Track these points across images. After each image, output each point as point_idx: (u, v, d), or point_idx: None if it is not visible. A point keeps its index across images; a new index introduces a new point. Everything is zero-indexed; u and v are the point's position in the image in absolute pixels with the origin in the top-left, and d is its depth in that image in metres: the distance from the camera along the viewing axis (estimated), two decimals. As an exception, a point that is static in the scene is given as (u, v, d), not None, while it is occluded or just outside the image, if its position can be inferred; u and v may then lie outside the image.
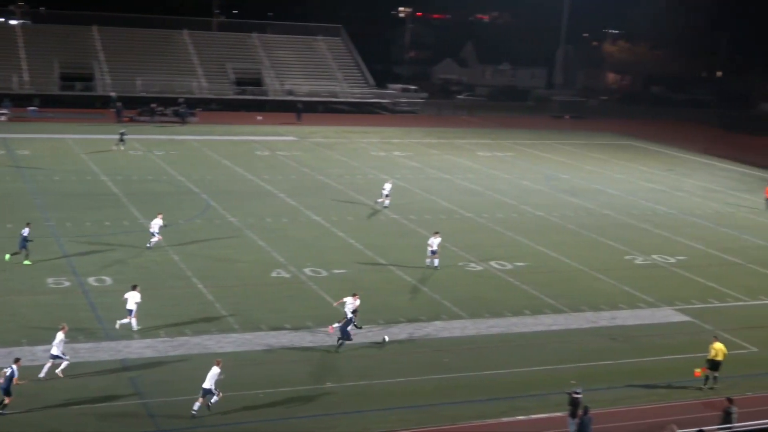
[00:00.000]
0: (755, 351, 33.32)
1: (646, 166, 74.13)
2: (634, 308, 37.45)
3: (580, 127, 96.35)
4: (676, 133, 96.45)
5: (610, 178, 67.57)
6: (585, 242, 47.92)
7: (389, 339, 32.43)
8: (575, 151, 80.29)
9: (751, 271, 44.27)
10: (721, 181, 68.97)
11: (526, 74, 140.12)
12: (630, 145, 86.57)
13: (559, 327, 34.79)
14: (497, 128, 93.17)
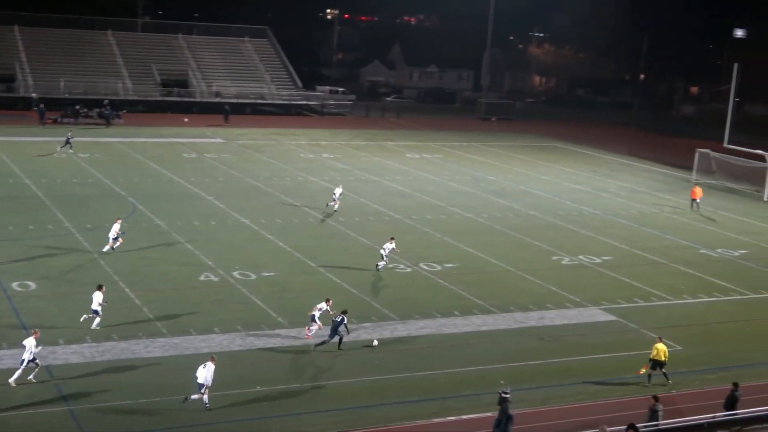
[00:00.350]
0: (680, 349, 33.90)
1: (571, 167, 75.12)
2: (562, 308, 37.89)
3: (506, 129, 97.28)
4: (600, 134, 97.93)
5: (536, 179, 68.32)
6: (513, 243, 48.36)
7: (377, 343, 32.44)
8: (502, 152, 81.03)
9: (674, 270, 45.11)
10: (645, 182, 70.19)
11: (453, 76, 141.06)
12: (555, 146, 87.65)
13: (488, 327, 35.04)
14: (425, 130, 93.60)
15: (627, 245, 49.27)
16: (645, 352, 33.07)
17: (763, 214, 61.12)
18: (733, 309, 39.74)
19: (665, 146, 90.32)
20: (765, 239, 53.19)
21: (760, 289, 42.73)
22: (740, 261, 47.85)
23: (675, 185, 70.10)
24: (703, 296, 41.05)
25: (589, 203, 60.36)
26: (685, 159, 76.44)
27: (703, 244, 50.78)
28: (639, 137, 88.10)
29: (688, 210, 60.11)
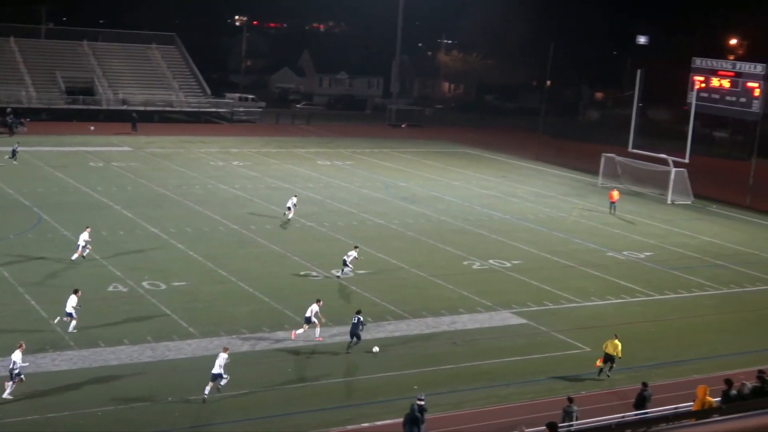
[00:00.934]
0: (588, 350, 34.48)
1: (481, 173, 75.89)
2: (473, 312, 38.21)
3: (417, 136, 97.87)
4: (509, 140, 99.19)
5: (447, 185, 68.85)
6: (424, 248, 48.62)
7: (378, 350, 32.90)
8: (413, 159, 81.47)
9: (582, 273, 45.88)
10: (553, 187, 71.28)
11: (363, 83, 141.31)
12: (465, 152, 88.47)
13: (401, 333, 35.14)
14: (336, 137, 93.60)
15: (536, 249, 49.94)
16: (556, 354, 33.64)
17: (667, 216, 62.61)
18: (640, 310, 40.59)
19: (572, 151, 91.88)
20: (670, 241, 54.48)
21: (666, 290, 43.74)
22: (646, 263, 48.92)
23: (582, 189, 71.35)
24: (611, 298, 41.84)
25: (499, 208, 61.05)
26: (592, 163, 77.85)
27: (610, 247, 51.77)
28: (546, 142, 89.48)
29: (596, 213, 61.22)
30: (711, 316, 40.43)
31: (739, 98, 75.57)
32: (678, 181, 68.26)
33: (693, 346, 36.05)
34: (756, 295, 44.33)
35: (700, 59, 79.94)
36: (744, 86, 75.03)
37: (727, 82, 76.31)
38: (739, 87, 75.33)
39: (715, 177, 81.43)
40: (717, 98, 77.51)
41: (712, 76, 77.62)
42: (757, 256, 52.56)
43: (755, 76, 74.35)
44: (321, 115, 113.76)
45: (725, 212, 65.95)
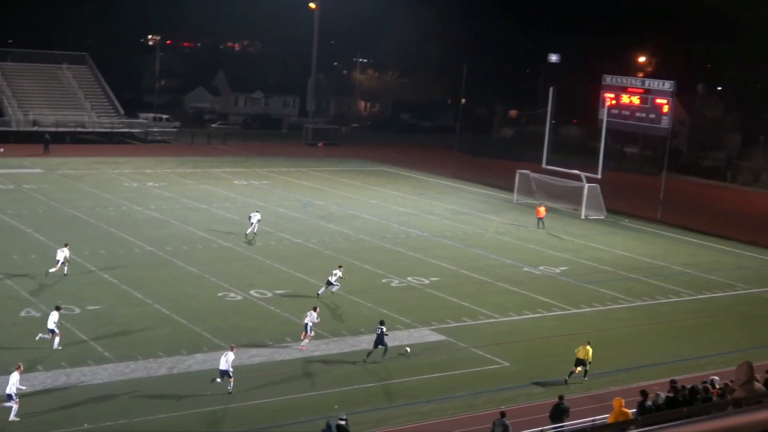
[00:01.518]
0: (507, 365, 34.82)
1: (398, 191, 76.22)
2: (392, 330, 38.21)
3: (333, 154, 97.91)
4: (425, 158, 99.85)
5: (364, 203, 68.98)
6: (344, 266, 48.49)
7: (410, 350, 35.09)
8: (330, 177, 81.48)
9: (499, 288, 46.34)
10: (469, 204, 71.91)
11: (278, 102, 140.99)
12: (382, 170, 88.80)
13: (321, 353, 35.01)
14: (252, 156, 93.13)
15: (454, 266, 50.29)
16: (475, 370, 33.89)
17: (581, 231, 63.65)
18: (556, 324, 41.14)
19: (487, 168, 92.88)
20: (584, 256, 55.38)
21: (581, 303, 44.43)
22: (561, 277, 49.62)
23: (498, 206, 72.13)
24: (528, 313, 42.33)
25: (417, 225, 61.36)
26: (507, 180, 78.79)
27: (526, 263, 52.39)
28: (462, 160, 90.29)
29: (512, 229, 61.93)
30: (625, 329, 41.17)
31: (649, 114, 77.30)
32: (591, 196, 69.48)
33: (608, 358, 36.62)
34: (668, 306, 45.30)
35: (610, 77, 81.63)
36: (653, 103, 76.77)
37: (636, 99, 78.03)
38: (648, 104, 77.06)
39: (627, 192, 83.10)
40: (627, 115, 79.17)
41: (622, 93, 79.29)
42: (669, 268, 53.74)
43: (664, 93, 76.17)
44: (237, 134, 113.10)
45: (637, 226, 67.32)
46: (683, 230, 66.60)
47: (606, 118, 74.10)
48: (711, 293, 48.57)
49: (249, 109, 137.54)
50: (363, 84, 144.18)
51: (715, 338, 40.62)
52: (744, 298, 48.32)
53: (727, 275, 52.92)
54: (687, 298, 47.27)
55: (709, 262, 56.68)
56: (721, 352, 38.19)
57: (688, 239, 63.60)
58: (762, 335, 41.50)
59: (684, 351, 38.32)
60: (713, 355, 37.92)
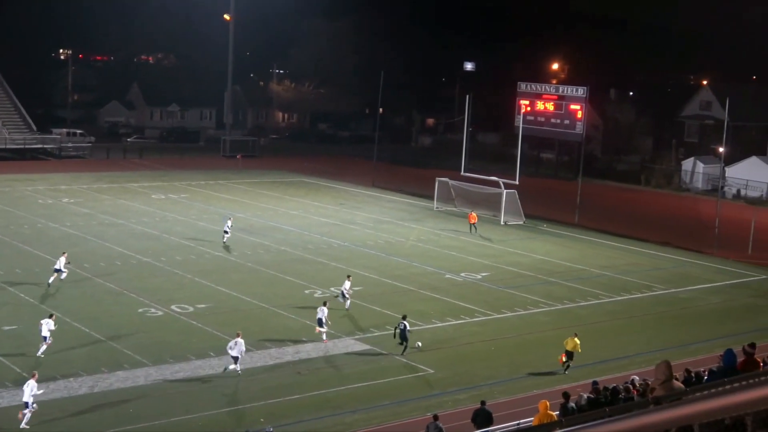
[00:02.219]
0: (432, 372, 35.03)
1: (318, 201, 76.16)
2: (317, 341, 38.19)
3: (252, 166, 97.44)
4: (345, 168, 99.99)
5: (285, 214, 68.78)
6: (265, 279, 48.38)
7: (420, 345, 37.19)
8: (249, 189, 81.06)
9: (422, 296, 46.59)
10: (390, 213, 72.18)
11: (195, 115, 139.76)
12: (302, 181, 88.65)
13: (246, 366, 34.75)
14: (170, 170, 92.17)
15: (377, 275, 50.43)
16: (399, 378, 34.01)
17: (501, 237, 64.34)
18: (479, 329, 41.52)
19: (407, 177, 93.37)
20: (504, 261, 55.99)
21: (503, 308, 44.92)
22: (483, 283, 50.11)
23: (419, 214, 72.54)
24: (451, 319, 42.63)
25: (338, 236, 61.37)
26: (426, 188, 79.28)
27: (448, 269, 52.78)
28: (382, 169, 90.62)
29: (433, 237, 62.32)
30: (547, 332, 41.72)
31: (563, 120, 78.67)
32: (509, 202, 70.28)
33: (531, 362, 37.09)
34: (588, 309, 46.05)
35: (524, 83, 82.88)
36: (567, 109, 78.15)
37: (551, 105, 79.32)
38: (562, 110, 78.43)
39: (545, 197, 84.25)
40: (542, 121, 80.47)
41: (537, 99, 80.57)
42: (587, 271, 54.64)
43: (577, 99, 77.59)
44: (153, 148, 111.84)
45: (555, 231, 68.31)
46: (600, 233, 67.78)
47: (522, 125, 75.17)
48: (629, 294, 49.52)
49: (165, 122, 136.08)
50: (280, 95, 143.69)
51: (634, 339, 41.41)
52: (661, 298, 49.37)
53: (644, 276, 54.01)
54: (606, 300, 48.11)
55: (626, 264, 57.79)
56: (640, 353, 38.95)
57: (605, 242, 64.76)
58: (679, 334, 42.46)
59: (605, 352, 38.97)
60: (633, 355, 38.65)
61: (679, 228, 71.90)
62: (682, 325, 44.29)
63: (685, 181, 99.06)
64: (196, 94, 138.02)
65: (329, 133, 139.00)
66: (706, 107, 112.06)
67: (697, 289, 51.82)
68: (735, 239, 65.72)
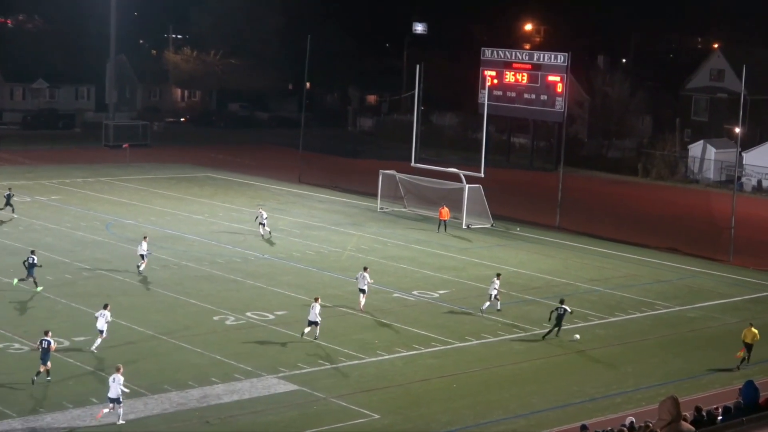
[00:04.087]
0: (377, 418, 35.07)
1: (230, 202, 75.89)
2: (230, 381, 38.07)
3: (144, 158, 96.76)
4: (264, 159, 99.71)
5: (187, 219, 68.44)
6: (162, 303, 48.10)
7: None
8: (140, 188, 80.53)
9: (364, 321, 46.64)
10: (322, 216, 72.12)
11: (68, 94, 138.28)
12: (209, 177, 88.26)
13: (137, 415, 34.52)
14: (37, 165, 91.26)
15: (305, 295, 50.29)
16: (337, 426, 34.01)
17: (462, 244, 64.64)
18: (437, 363, 41.65)
19: (343, 170, 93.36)
20: (467, 275, 56.25)
21: (466, 335, 45.12)
22: (441, 303, 50.29)
23: (358, 216, 72.58)
24: (401, 350, 42.72)
25: (257, 246, 61.20)
26: (368, 184, 79.36)
27: (396, 287, 52.89)
28: (311, 161, 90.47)
29: (377, 246, 62.41)
30: (522, 364, 41.97)
31: (540, 96, 79.33)
32: (473, 200, 70.57)
33: (501, 401, 37.30)
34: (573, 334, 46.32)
35: (490, 50, 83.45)
36: (544, 81, 78.81)
37: (524, 77, 79.85)
38: (538, 82, 79.09)
39: (518, 193, 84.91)
40: (513, 96, 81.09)
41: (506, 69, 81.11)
42: (573, 286, 55.12)
43: (557, 69, 78.19)
44: (14, 136, 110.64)
45: (531, 235, 68.80)
46: (587, 238, 68.41)
47: (487, 102, 75.41)
48: (625, 315, 50.03)
49: (29, 103, 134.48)
50: (178, 67, 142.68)
51: (631, 370, 41.81)
52: (664, 318, 49.95)
53: (643, 291, 54.62)
54: (596, 321, 48.56)
55: (621, 276, 58.38)
56: (639, 387, 39.35)
57: (595, 249, 65.38)
58: (688, 364, 42.99)
59: (594, 388, 39.30)
60: (630, 391, 39.03)
61: (686, 230, 72.87)
62: (691, 352, 44.86)
63: (693, 170, 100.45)
64: (70, 68, 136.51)
65: (243, 115, 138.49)
66: (718, 77, 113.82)
67: (709, 306, 52.51)
68: (755, 243, 66.80)
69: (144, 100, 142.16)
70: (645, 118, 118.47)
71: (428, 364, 41.41)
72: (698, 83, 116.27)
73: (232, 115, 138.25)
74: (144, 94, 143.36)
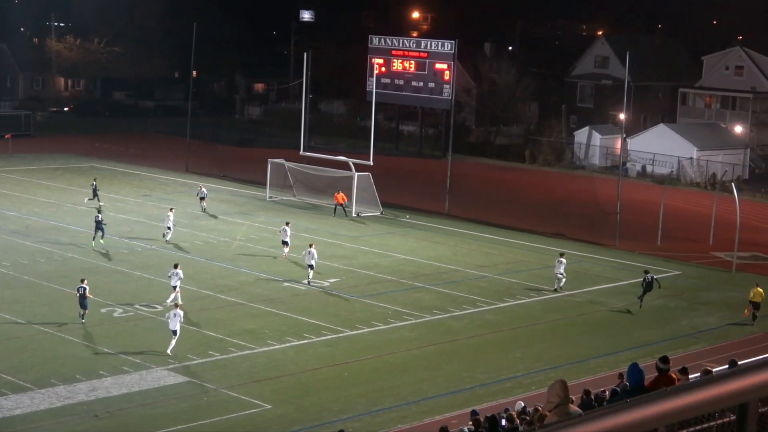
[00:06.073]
0: (269, 408, 35.02)
1: (116, 192, 75.07)
2: (118, 374, 37.70)
3: (26, 149, 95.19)
4: (150, 148, 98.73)
5: (72, 211, 67.54)
6: (47, 296, 47.42)
7: None
8: (23, 179, 79.25)
9: (255, 311, 46.51)
10: (211, 205, 71.52)
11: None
12: (93, 167, 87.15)
13: (24, 410, 34.00)
14: None
15: (194, 285, 50.01)
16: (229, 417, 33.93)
17: (352, 233, 64.76)
18: (328, 351, 41.73)
19: (231, 159, 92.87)
20: (357, 263, 56.40)
21: (357, 323, 45.24)
22: (332, 292, 50.38)
23: (247, 206, 72.31)
24: (292, 339, 42.70)
25: (143, 236, 60.65)
26: (257, 173, 79.07)
27: (285, 276, 52.85)
28: (198, 149, 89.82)
29: (266, 235, 62.25)
30: (413, 351, 42.24)
31: (428, 83, 79.79)
32: (362, 188, 70.74)
33: (393, 389, 37.50)
34: (463, 320, 46.80)
35: (377, 37, 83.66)
36: (432, 69, 79.29)
37: (412, 65, 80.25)
38: (426, 70, 79.51)
39: (407, 180, 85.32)
40: (401, 84, 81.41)
41: (393, 57, 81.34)
42: (461, 272, 55.59)
43: (444, 56, 78.73)
44: None
45: (421, 222, 69.17)
46: (476, 224, 69.01)
47: (375, 90, 75.71)
48: (513, 300, 50.62)
49: None
50: (61, 55, 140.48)
51: (520, 355, 42.34)
52: (553, 303, 50.66)
53: (532, 277, 55.31)
54: (485, 308, 49.03)
55: (509, 262, 59.04)
56: (529, 372, 39.88)
57: (483, 235, 65.98)
58: (577, 347, 43.66)
59: (485, 374, 39.70)
60: (520, 375, 39.53)
61: (573, 215, 73.93)
62: (579, 336, 45.57)
63: (579, 156, 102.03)
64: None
65: (128, 103, 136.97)
66: (602, 64, 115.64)
67: (597, 290, 53.38)
68: (641, 227, 68.04)
69: (26, 89, 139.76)
70: (532, 105, 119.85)
71: (319, 353, 41.45)
72: (583, 70, 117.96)
73: (117, 104, 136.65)
74: (26, 83, 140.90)
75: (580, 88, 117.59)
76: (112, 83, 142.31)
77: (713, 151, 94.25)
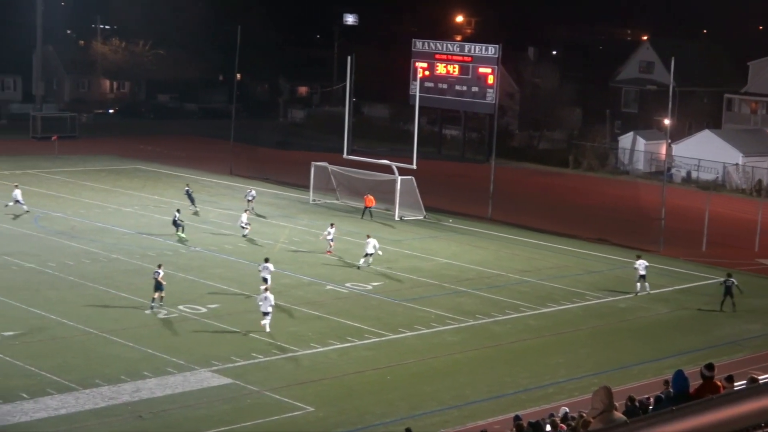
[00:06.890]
0: (311, 411, 35.12)
1: (159, 194, 75.45)
2: (162, 375, 37.91)
3: (72, 151, 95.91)
4: (194, 151, 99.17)
5: (116, 212, 67.95)
6: (92, 297, 47.74)
7: None
8: (69, 180, 79.82)
9: (298, 314, 46.65)
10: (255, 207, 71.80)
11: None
12: (138, 169, 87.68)
13: (69, 410, 34.29)
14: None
15: (237, 287, 50.25)
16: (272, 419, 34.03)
17: (395, 236, 64.77)
18: (370, 355, 41.79)
19: (274, 162, 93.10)
20: (400, 267, 56.44)
21: (400, 327, 45.29)
22: (374, 295, 50.43)
23: (290, 209, 72.49)
24: (335, 343, 42.79)
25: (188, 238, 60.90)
26: (300, 176, 79.26)
27: (329, 279, 52.95)
28: (241, 152, 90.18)
29: (309, 238, 62.39)
30: (455, 355, 42.23)
31: (471, 87, 79.75)
32: (406, 191, 70.76)
33: (435, 393, 37.51)
34: (505, 325, 46.75)
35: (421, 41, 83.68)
36: (475, 73, 79.23)
37: (455, 69, 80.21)
38: (469, 74, 79.48)
39: (450, 185, 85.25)
40: (445, 88, 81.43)
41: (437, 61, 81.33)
42: (504, 277, 55.50)
43: (488, 60, 78.67)
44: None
45: (463, 227, 69.12)
46: (519, 229, 68.86)
47: (419, 94, 75.68)
48: (556, 305, 50.49)
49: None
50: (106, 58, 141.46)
51: (563, 360, 42.23)
52: (595, 309, 50.50)
53: (574, 282, 55.15)
54: (528, 313, 48.95)
55: (552, 267, 58.89)
56: (572, 377, 39.78)
57: (526, 240, 65.84)
58: (620, 354, 43.50)
59: (527, 379, 39.65)
60: (563, 381, 39.44)
61: (617, 221, 73.61)
62: (622, 342, 45.40)
63: (623, 161, 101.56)
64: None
65: (172, 106, 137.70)
66: (647, 69, 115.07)
67: (640, 296, 53.10)
68: (685, 234, 67.67)
69: (72, 92, 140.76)
70: (575, 110, 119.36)
71: (362, 356, 41.53)
72: (627, 75, 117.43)
73: (161, 107, 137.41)
74: (72, 86, 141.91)
75: (625, 93, 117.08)
76: (157, 86, 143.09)
77: (759, 157, 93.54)
